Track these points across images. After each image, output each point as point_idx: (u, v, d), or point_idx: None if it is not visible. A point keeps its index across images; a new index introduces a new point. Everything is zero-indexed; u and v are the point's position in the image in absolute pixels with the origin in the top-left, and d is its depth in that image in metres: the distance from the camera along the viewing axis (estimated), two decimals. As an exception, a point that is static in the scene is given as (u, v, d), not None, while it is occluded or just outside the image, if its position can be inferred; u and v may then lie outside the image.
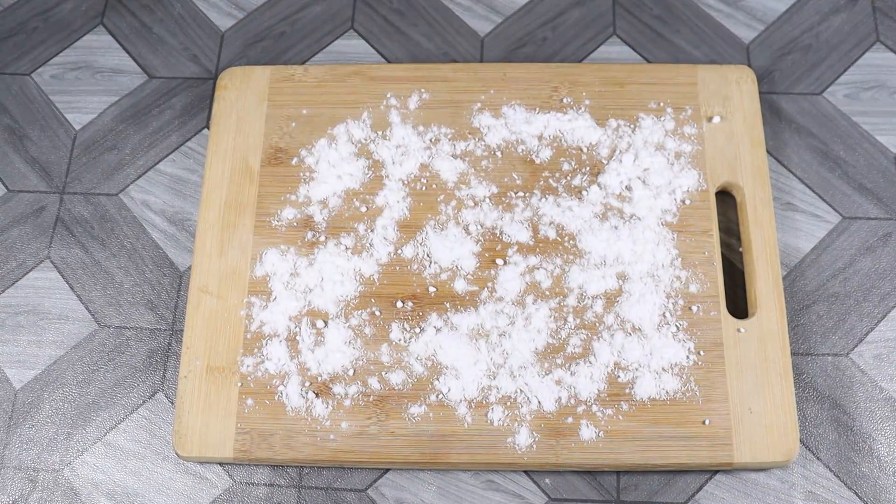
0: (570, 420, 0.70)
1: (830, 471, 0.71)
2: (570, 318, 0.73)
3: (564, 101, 0.81)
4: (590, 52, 0.86)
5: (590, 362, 0.71)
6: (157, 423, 0.74)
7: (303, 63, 0.86)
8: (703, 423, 0.69)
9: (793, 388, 0.70)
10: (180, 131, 0.84)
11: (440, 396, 0.71)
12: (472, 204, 0.77)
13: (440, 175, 0.78)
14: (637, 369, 0.71)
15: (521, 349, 0.72)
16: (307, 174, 0.78)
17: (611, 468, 0.70)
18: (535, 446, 0.69)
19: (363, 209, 0.77)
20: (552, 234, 0.76)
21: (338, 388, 0.71)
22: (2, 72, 0.87)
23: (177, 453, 0.71)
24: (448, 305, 0.74)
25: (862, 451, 0.71)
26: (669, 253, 0.75)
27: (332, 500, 0.71)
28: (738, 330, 0.72)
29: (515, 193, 0.77)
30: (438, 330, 0.73)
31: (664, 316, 0.73)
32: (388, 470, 0.72)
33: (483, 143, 0.79)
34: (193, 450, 0.70)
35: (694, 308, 0.73)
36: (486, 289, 0.74)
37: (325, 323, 0.73)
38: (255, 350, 0.73)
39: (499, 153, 0.79)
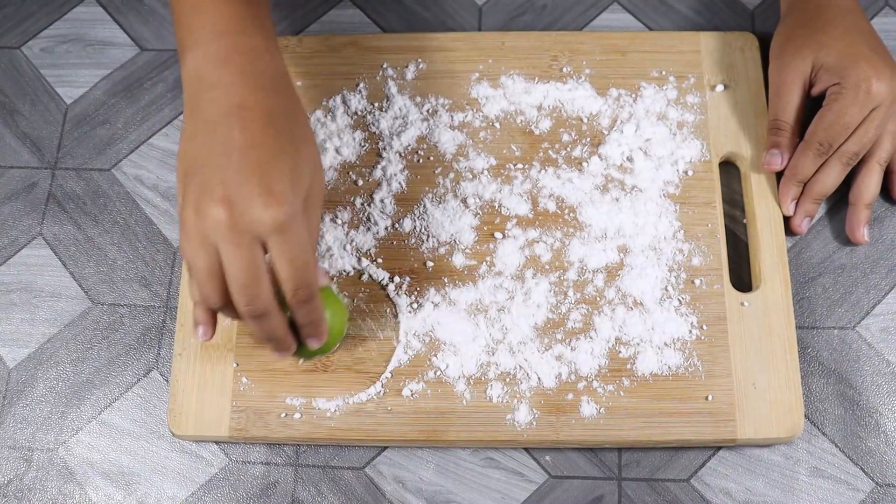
0: (570, 396, 0.69)
1: (836, 446, 0.70)
2: (571, 293, 0.72)
3: (564, 70, 0.79)
4: (590, 19, 0.84)
5: (590, 337, 0.70)
6: (152, 402, 0.73)
7: (297, 34, 0.84)
8: (706, 398, 0.68)
9: (797, 362, 0.69)
10: (173, 105, 0.82)
11: (438, 373, 0.70)
12: (471, 176, 0.76)
13: (438, 147, 0.77)
14: (639, 344, 0.70)
15: (521, 324, 0.71)
16: (302, 148, 0.77)
17: (612, 445, 0.69)
18: (534, 423, 0.68)
19: (360, 182, 0.76)
20: (552, 207, 0.74)
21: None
22: (-9, 45, 0.86)
23: (172, 432, 0.70)
24: (446, 280, 0.72)
25: (868, 425, 0.70)
26: (672, 225, 0.73)
27: (329, 478, 0.70)
28: (742, 303, 0.71)
29: (514, 165, 0.76)
30: (436, 305, 0.72)
31: (666, 290, 0.71)
32: (385, 448, 0.71)
33: (481, 113, 0.78)
34: (189, 428, 0.70)
35: (697, 281, 0.72)
36: (484, 263, 0.73)
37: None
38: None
39: (497, 124, 0.77)
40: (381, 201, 0.75)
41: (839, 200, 0.76)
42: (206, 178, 0.56)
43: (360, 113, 0.78)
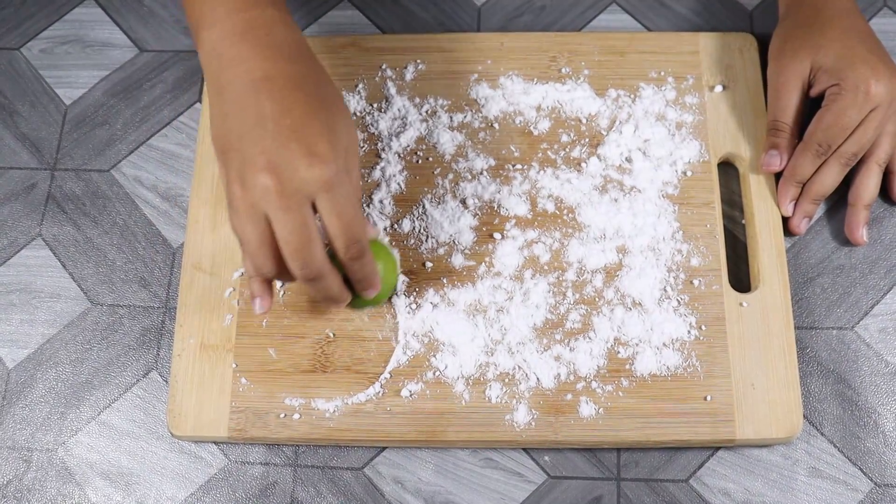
0: (569, 397, 0.69)
1: (835, 446, 0.70)
2: (570, 293, 0.72)
3: (563, 70, 0.79)
4: (589, 20, 0.84)
5: (589, 338, 0.70)
6: (152, 402, 0.73)
7: (296, 34, 0.84)
8: (705, 399, 0.68)
9: (796, 362, 0.69)
10: (172, 105, 0.82)
11: (437, 373, 0.70)
12: (470, 177, 0.76)
13: (437, 148, 0.77)
14: (637, 345, 0.70)
15: (520, 325, 0.71)
16: (301, 148, 0.77)
17: (611, 445, 0.69)
18: (533, 423, 0.68)
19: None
20: (551, 208, 0.74)
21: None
22: (-9, 46, 0.86)
23: (171, 433, 0.70)
24: (445, 281, 0.72)
25: (867, 426, 0.70)
26: (670, 226, 0.73)
27: (328, 478, 0.70)
28: (741, 304, 0.71)
29: (513, 166, 0.76)
30: (435, 306, 0.72)
31: (665, 290, 0.71)
32: (384, 448, 0.71)
33: (480, 114, 0.78)
34: (188, 429, 0.70)
35: (695, 282, 0.72)
36: (483, 263, 0.73)
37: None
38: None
39: (496, 125, 0.77)
40: (381, 202, 0.75)
41: (838, 201, 0.76)
42: (245, 152, 0.57)
43: (359, 114, 0.78)
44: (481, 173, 0.76)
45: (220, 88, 0.60)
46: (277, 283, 0.73)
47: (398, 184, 0.76)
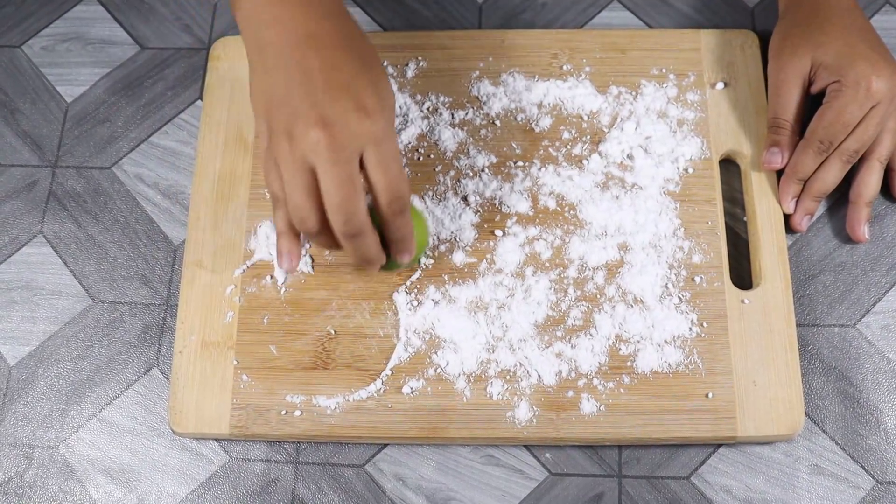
0: (570, 394, 0.69)
1: (836, 444, 0.70)
2: (571, 290, 0.72)
3: (564, 68, 0.79)
4: (590, 17, 0.84)
5: (590, 335, 0.70)
6: (153, 399, 0.73)
7: (297, 32, 0.84)
8: (707, 396, 0.68)
9: (798, 360, 0.69)
10: (173, 103, 0.82)
11: (438, 370, 0.70)
12: (471, 174, 0.76)
13: (438, 145, 0.77)
14: (639, 342, 0.70)
15: (521, 322, 0.71)
16: (302, 145, 0.77)
17: (612, 442, 0.69)
18: (535, 420, 0.68)
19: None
20: (552, 205, 0.74)
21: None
22: (-8, 44, 0.86)
23: (172, 429, 0.70)
24: (446, 278, 0.72)
25: (869, 423, 0.70)
26: (672, 223, 0.73)
27: (329, 475, 0.70)
28: (743, 301, 0.71)
29: (515, 163, 0.76)
30: (436, 303, 0.72)
31: (666, 287, 0.71)
32: (386, 445, 0.71)
33: (482, 111, 0.78)
34: (189, 426, 0.70)
35: (697, 279, 0.72)
36: (484, 260, 0.73)
37: (322, 297, 0.72)
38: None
39: (498, 122, 0.77)
40: (382, 199, 0.75)
41: (839, 198, 0.76)
42: (294, 106, 0.58)
43: (360, 111, 0.78)
44: (483, 170, 0.76)
45: (260, 48, 0.61)
46: (280, 278, 0.72)
47: (399, 181, 0.76)
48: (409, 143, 0.77)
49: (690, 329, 0.70)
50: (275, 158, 0.60)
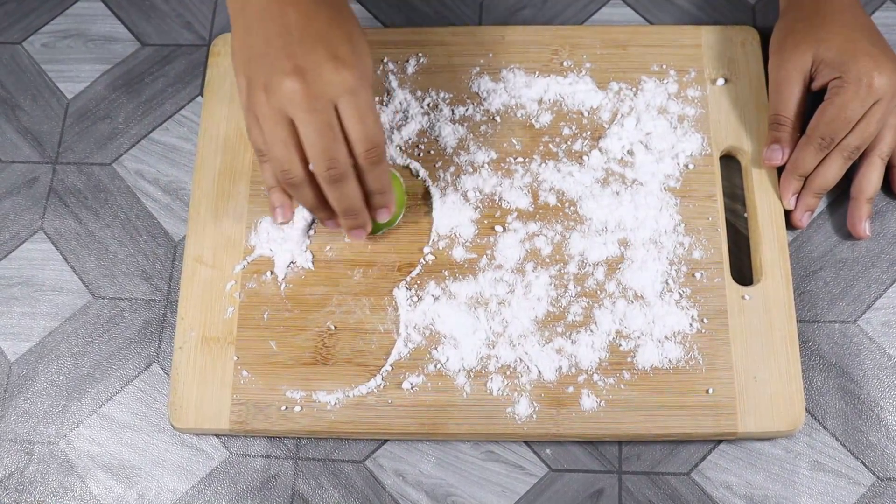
0: (570, 389, 0.69)
1: (837, 440, 0.69)
2: (571, 286, 0.71)
3: (565, 64, 0.79)
4: (591, 14, 0.84)
5: (591, 331, 0.70)
6: (153, 395, 0.73)
7: (298, 28, 0.84)
8: (707, 392, 0.68)
9: (798, 356, 0.69)
10: (174, 99, 0.82)
11: (438, 366, 0.70)
12: (471, 170, 0.76)
13: (438, 141, 0.77)
14: (639, 337, 0.70)
15: (521, 317, 0.70)
16: (302, 141, 0.77)
17: (612, 438, 0.69)
18: (535, 416, 0.68)
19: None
20: (552, 201, 0.74)
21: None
22: (-7, 40, 0.86)
23: (172, 425, 0.70)
24: (446, 273, 0.72)
25: (869, 419, 0.70)
26: (672, 219, 0.73)
27: (329, 471, 0.70)
28: (743, 297, 0.71)
29: (515, 159, 0.76)
30: (436, 298, 0.72)
31: (667, 283, 0.71)
32: (386, 441, 0.71)
33: (482, 107, 0.78)
34: (189, 421, 0.70)
35: (697, 275, 0.71)
36: (485, 256, 0.73)
37: (322, 292, 0.72)
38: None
39: (498, 118, 0.77)
40: (382, 195, 0.75)
41: (840, 195, 0.76)
42: (271, 58, 0.60)
43: (360, 107, 0.78)
44: (483, 166, 0.75)
45: (243, 7, 0.62)
46: (280, 274, 0.72)
47: (400, 177, 0.76)
48: (410, 139, 0.77)
49: (691, 325, 0.70)
50: (254, 113, 0.61)
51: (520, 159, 0.76)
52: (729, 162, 0.77)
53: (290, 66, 0.59)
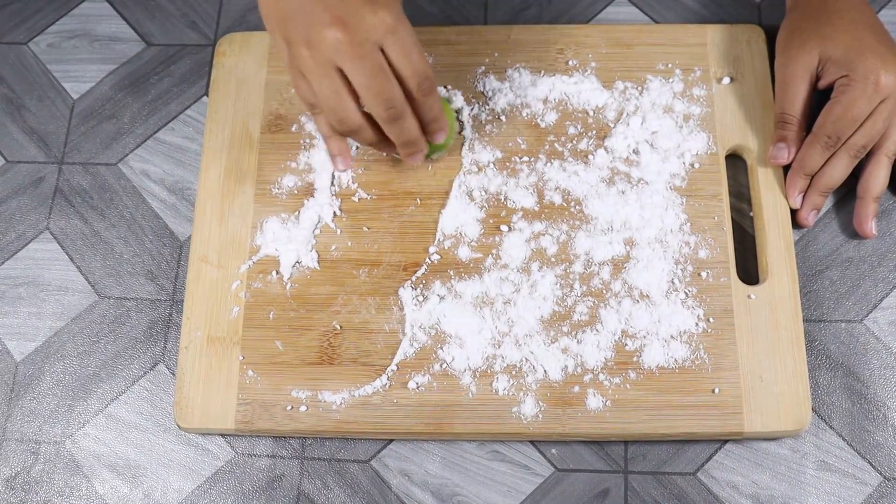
0: (576, 389, 0.69)
1: (843, 440, 0.69)
2: (577, 285, 0.71)
3: (570, 63, 0.79)
4: (596, 13, 0.84)
5: (597, 330, 0.70)
6: (159, 395, 0.73)
7: (303, 28, 0.84)
8: (713, 391, 0.68)
9: (805, 355, 0.69)
10: (179, 99, 0.82)
11: (444, 366, 0.70)
12: (476, 169, 0.75)
13: (443, 141, 0.77)
14: (645, 337, 0.70)
15: (527, 317, 0.70)
16: (307, 141, 0.77)
17: (618, 438, 0.69)
18: (540, 416, 0.68)
19: (365, 176, 0.76)
20: (558, 200, 0.74)
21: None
22: (-2, 41, 0.86)
23: (178, 425, 0.70)
24: (452, 273, 0.72)
25: (876, 419, 0.70)
26: (678, 218, 0.73)
27: (335, 471, 0.70)
28: (749, 296, 0.70)
29: (520, 158, 0.76)
30: (442, 298, 0.71)
31: (673, 282, 0.71)
32: (391, 441, 0.71)
33: (487, 107, 0.78)
34: (195, 421, 0.70)
35: (703, 274, 0.71)
36: (490, 256, 0.73)
37: (327, 292, 0.72)
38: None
39: (503, 117, 0.77)
40: (387, 195, 0.75)
41: (847, 193, 0.76)
42: (307, 13, 0.60)
43: (365, 107, 0.78)
44: (488, 165, 0.75)
45: None
46: (285, 274, 0.72)
47: (405, 177, 0.76)
48: (415, 138, 0.77)
49: (697, 324, 0.70)
50: (298, 69, 0.62)
51: (525, 158, 0.76)
52: (735, 161, 0.77)
53: (328, 17, 0.59)
